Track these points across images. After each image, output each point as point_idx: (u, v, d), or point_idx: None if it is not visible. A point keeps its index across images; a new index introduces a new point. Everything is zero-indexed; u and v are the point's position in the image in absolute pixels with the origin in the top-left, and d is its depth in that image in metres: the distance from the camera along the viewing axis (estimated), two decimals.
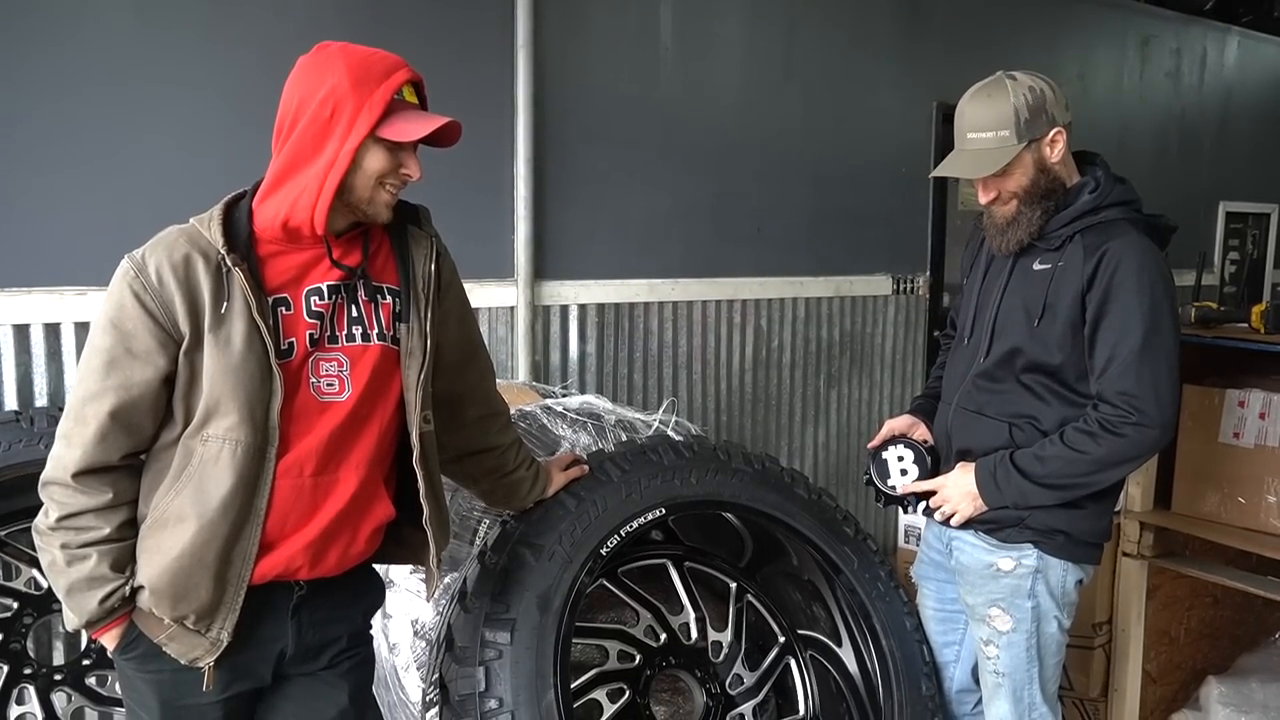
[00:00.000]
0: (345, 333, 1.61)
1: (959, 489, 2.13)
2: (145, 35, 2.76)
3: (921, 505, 2.26)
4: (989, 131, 2.00)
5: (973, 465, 2.12)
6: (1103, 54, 5.33)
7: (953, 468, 2.20)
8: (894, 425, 2.35)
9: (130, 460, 1.55)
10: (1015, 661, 2.16)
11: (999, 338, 2.14)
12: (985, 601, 2.17)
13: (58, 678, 2.60)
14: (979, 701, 2.35)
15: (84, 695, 2.63)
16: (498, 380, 2.01)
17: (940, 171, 2.11)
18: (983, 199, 2.09)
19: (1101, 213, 2.03)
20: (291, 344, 1.56)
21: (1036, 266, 2.09)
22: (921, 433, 2.32)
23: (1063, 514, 2.08)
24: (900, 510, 2.34)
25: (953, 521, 2.16)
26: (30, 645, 2.60)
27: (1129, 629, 2.90)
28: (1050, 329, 2.04)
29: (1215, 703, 3.04)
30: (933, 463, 2.25)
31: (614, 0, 3.58)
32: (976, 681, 2.35)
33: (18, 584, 2.59)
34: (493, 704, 1.82)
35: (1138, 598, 2.88)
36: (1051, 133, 2.02)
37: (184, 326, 1.48)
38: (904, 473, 2.26)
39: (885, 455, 2.28)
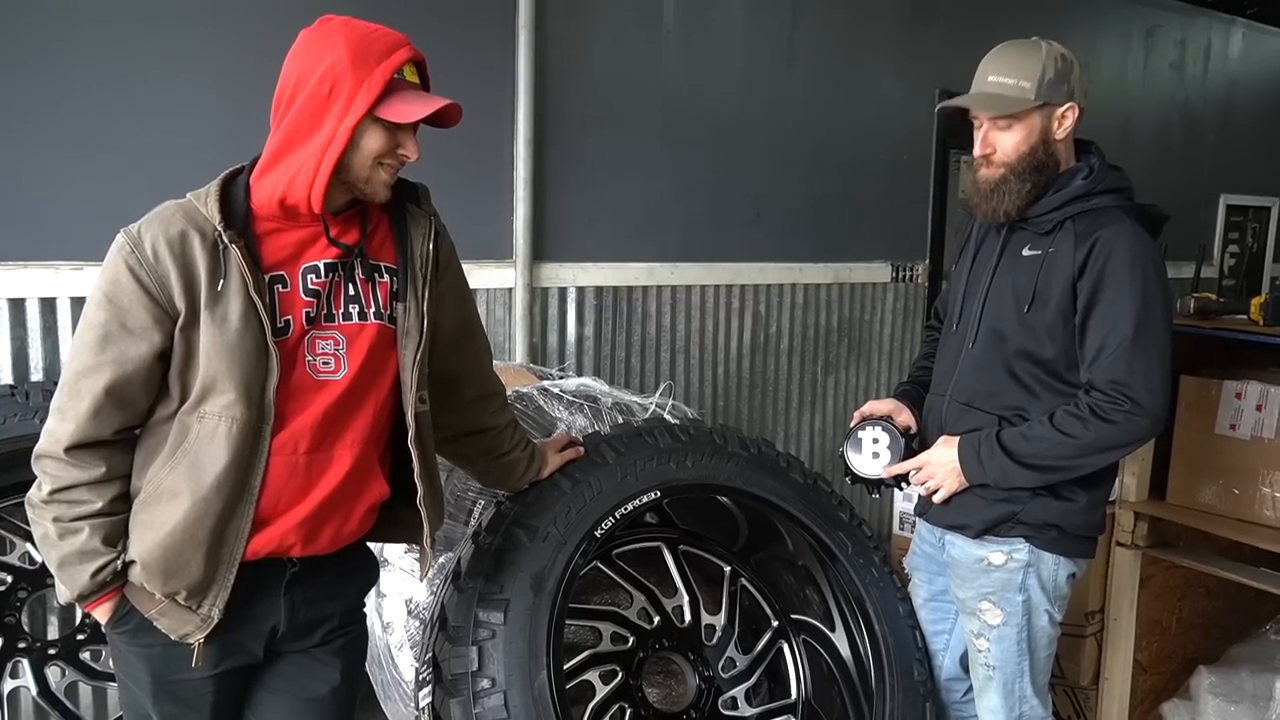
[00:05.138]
0: (342, 311, 1.60)
1: (942, 464, 2.11)
2: (143, 11, 2.75)
3: (908, 496, 2.26)
4: (1011, 79, 1.99)
5: (956, 439, 2.10)
6: (1107, 43, 5.31)
7: None
8: (876, 407, 2.31)
9: (124, 435, 1.54)
10: (1006, 655, 2.16)
11: (986, 323, 2.12)
12: (976, 595, 2.17)
13: (52, 652, 2.61)
14: (968, 690, 2.36)
15: (78, 669, 2.63)
16: (495, 362, 2.01)
17: (950, 103, 2.07)
18: (977, 150, 2.07)
19: (1094, 199, 2.01)
20: (288, 322, 1.55)
21: (1026, 252, 2.07)
22: (905, 418, 2.29)
23: (1055, 507, 2.07)
24: (867, 492, 2.32)
25: (935, 498, 2.15)
26: (24, 619, 2.60)
27: (1121, 618, 2.91)
28: (1040, 317, 2.03)
29: (1205, 692, 3.05)
30: (907, 449, 2.23)
31: None
32: (965, 670, 2.35)
33: (12, 558, 2.60)
34: (485, 683, 1.83)
35: (1131, 587, 2.89)
36: (1066, 106, 2.01)
37: (180, 303, 1.48)
38: (876, 455, 2.25)
39: (861, 435, 2.27)
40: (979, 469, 2.06)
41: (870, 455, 2.25)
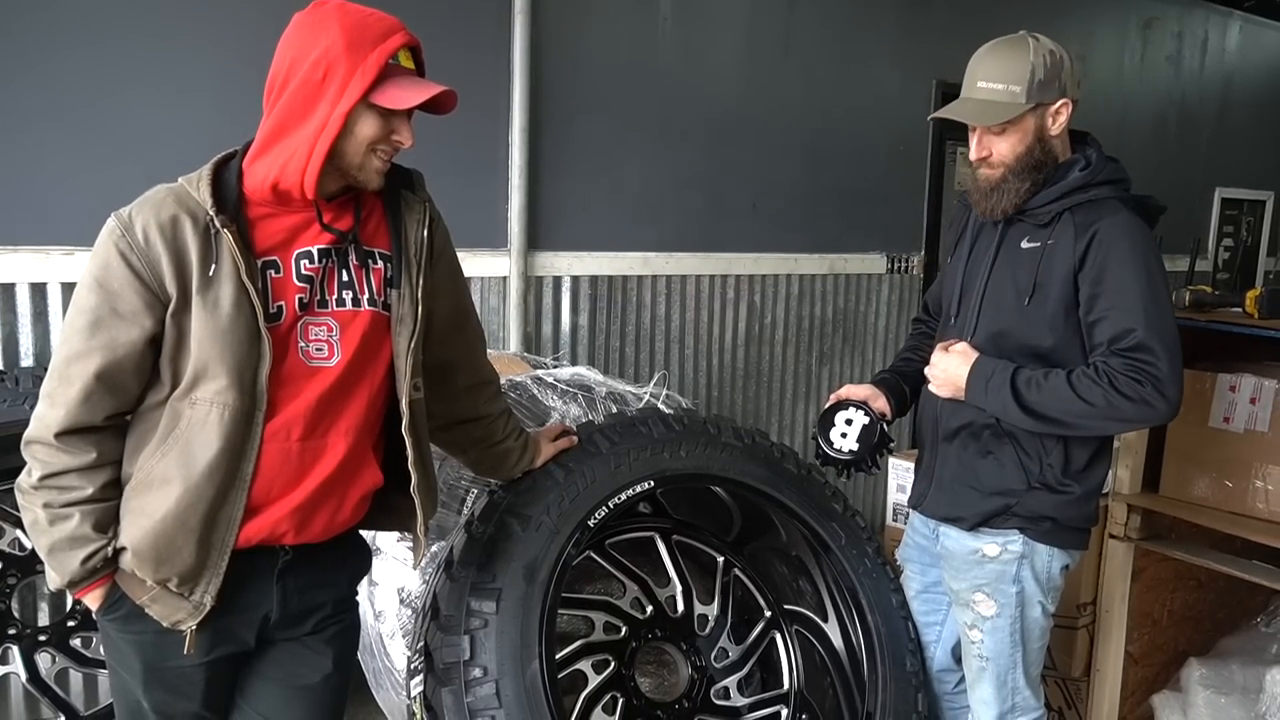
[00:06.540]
0: (335, 297, 1.59)
1: (948, 373, 2.08)
2: None
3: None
4: (1001, 84, 1.97)
5: (974, 357, 2.06)
6: (1104, 34, 5.30)
7: (938, 447, 2.20)
8: (853, 391, 2.30)
9: (115, 420, 1.53)
10: (999, 646, 2.16)
11: (985, 317, 2.11)
12: (970, 587, 2.17)
13: (42, 639, 2.60)
14: (959, 681, 2.36)
15: (68, 657, 2.62)
16: (489, 350, 2.00)
17: (942, 113, 2.04)
18: (973, 154, 2.05)
19: (1091, 190, 2.00)
20: (280, 307, 1.54)
21: (1025, 244, 2.06)
22: (880, 404, 2.28)
23: (1050, 500, 2.07)
24: (836, 473, 2.32)
25: (932, 389, 2.15)
26: (15, 606, 2.59)
27: (1113, 610, 2.91)
28: (1041, 309, 2.02)
29: (1196, 684, 3.05)
30: (880, 436, 2.24)
31: None
32: (957, 661, 2.36)
33: (2, 544, 2.58)
34: (477, 672, 1.82)
35: (1123, 579, 2.90)
36: (1059, 103, 1.99)
37: (171, 288, 1.46)
38: (844, 435, 2.25)
39: (836, 417, 2.27)
40: (982, 395, 2.03)
41: (840, 435, 2.25)
